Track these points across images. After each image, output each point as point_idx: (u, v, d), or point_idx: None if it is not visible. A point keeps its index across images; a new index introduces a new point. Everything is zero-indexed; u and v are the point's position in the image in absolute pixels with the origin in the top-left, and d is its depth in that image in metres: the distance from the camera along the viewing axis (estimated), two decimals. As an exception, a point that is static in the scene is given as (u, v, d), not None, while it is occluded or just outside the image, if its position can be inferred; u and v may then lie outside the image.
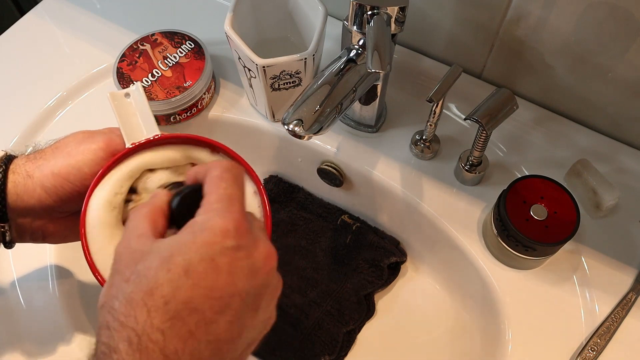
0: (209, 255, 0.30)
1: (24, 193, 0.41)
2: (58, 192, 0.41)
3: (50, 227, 0.44)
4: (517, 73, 0.62)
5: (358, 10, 0.47)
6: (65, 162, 0.41)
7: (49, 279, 0.57)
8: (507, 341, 0.52)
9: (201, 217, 0.32)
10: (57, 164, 0.41)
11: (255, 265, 0.32)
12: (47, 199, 0.41)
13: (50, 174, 0.41)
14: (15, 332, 0.54)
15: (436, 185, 0.59)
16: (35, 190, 0.41)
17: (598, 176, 0.56)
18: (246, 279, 0.31)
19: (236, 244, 0.31)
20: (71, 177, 0.41)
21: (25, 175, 0.41)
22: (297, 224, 0.68)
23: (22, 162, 0.42)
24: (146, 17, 0.72)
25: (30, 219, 0.43)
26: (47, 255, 0.58)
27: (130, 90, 0.44)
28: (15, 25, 0.72)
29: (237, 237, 0.31)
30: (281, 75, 0.55)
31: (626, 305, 0.52)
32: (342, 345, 0.61)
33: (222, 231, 0.31)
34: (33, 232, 0.44)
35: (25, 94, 0.66)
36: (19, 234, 0.43)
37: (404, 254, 0.65)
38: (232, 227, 0.31)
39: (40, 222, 0.43)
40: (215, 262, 0.30)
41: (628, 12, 0.49)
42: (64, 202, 0.42)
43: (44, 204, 0.41)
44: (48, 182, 0.41)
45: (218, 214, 0.32)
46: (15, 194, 0.41)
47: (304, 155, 0.65)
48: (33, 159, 0.42)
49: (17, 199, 0.41)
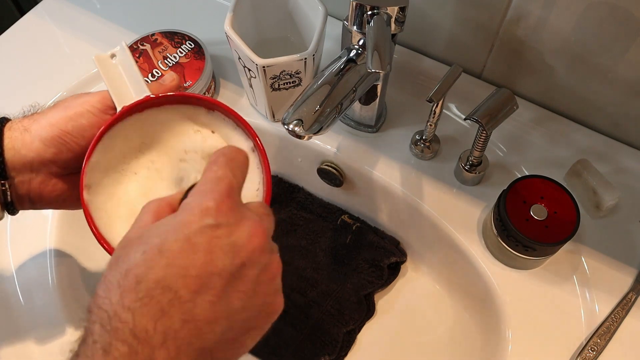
0: (184, 234, 0.30)
1: (21, 147, 0.41)
2: (56, 143, 0.41)
3: (49, 186, 0.43)
4: (517, 73, 0.62)
5: (358, 10, 0.47)
6: (62, 114, 0.41)
7: (48, 274, 0.57)
8: (507, 341, 0.52)
9: (186, 200, 0.32)
10: (54, 116, 0.41)
11: (237, 243, 0.31)
12: (45, 151, 0.41)
13: (48, 125, 0.41)
14: (13, 328, 0.54)
15: (436, 185, 0.59)
16: (34, 142, 0.41)
17: (598, 176, 0.56)
18: (226, 258, 0.30)
19: (215, 222, 0.31)
20: (69, 128, 0.41)
21: (22, 130, 0.41)
22: (297, 224, 0.68)
23: (19, 120, 0.42)
24: (146, 17, 0.72)
25: (28, 177, 0.42)
26: (46, 248, 0.58)
27: (116, 51, 0.43)
28: (15, 25, 0.72)
29: (217, 215, 0.31)
30: (281, 75, 0.55)
31: (626, 305, 0.52)
32: (342, 345, 0.61)
33: (201, 210, 0.31)
34: (31, 193, 0.43)
35: (25, 94, 0.66)
36: (18, 198, 0.43)
37: (404, 254, 0.65)
38: (212, 205, 0.31)
39: (38, 179, 0.42)
40: (191, 240, 0.30)
41: (628, 12, 0.49)
42: (63, 154, 0.41)
43: (42, 156, 0.41)
44: (46, 133, 0.41)
45: (201, 194, 0.32)
46: (12, 148, 0.41)
47: (304, 155, 0.65)
48: (30, 116, 0.43)
49: (14, 153, 0.41)
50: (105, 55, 0.43)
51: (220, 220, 0.31)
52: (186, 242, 0.30)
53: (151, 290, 0.29)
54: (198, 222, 0.30)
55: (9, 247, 0.58)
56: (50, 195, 0.43)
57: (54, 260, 0.58)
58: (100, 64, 0.42)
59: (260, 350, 0.61)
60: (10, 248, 0.58)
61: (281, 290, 0.34)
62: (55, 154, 0.41)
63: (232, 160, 0.34)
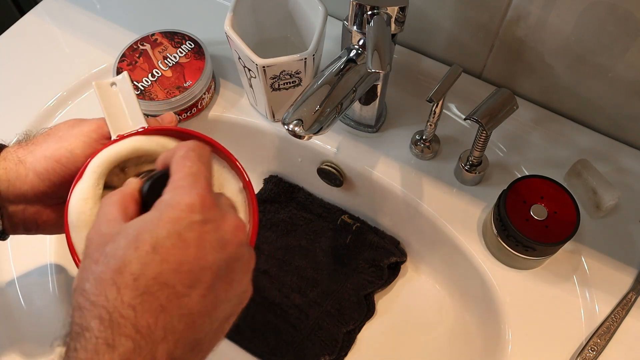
0: (175, 230, 0.31)
1: (15, 179, 0.41)
2: (50, 177, 0.41)
3: (44, 216, 0.43)
4: (517, 73, 0.62)
5: (358, 10, 0.47)
6: (57, 145, 0.41)
7: (49, 278, 0.57)
8: (507, 341, 0.52)
9: (167, 195, 0.33)
10: (49, 148, 0.41)
11: (225, 237, 0.32)
12: (39, 184, 0.41)
13: (43, 158, 0.41)
14: (15, 331, 0.54)
15: (436, 185, 0.59)
16: (28, 175, 0.41)
17: (598, 176, 0.56)
18: (216, 252, 0.31)
19: (203, 218, 0.31)
20: (63, 160, 0.41)
21: (17, 162, 0.41)
22: (297, 224, 0.68)
23: (14, 150, 0.42)
24: (146, 17, 0.72)
25: (22, 207, 0.42)
26: (47, 254, 0.58)
27: (117, 80, 0.43)
28: (15, 25, 0.72)
29: (203, 211, 0.32)
30: (281, 75, 0.55)
31: (626, 305, 0.52)
32: (342, 345, 0.61)
33: (188, 206, 0.31)
34: (26, 221, 0.43)
35: (25, 94, 0.66)
36: (12, 225, 0.43)
37: (404, 254, 0.65)
38: (197, 201, 0.32)
39: (33, 209, 0.43)
40: (182, 236, 0.31)
41: (628, 12, 0.49)
42: (57, 187, 0.41)
43: (36, 189, 0.41)
44: (40, 166, 0.41)
45: (183, 190, 0.32)
46: (6, 180, 0.41)
47: (304, 155, 0.65)
48: (24, 146, 0.42)
49: (8, 185, 0.41)
50: (106, 82, 0.43)
51: (207, 216, 0.32)
52: (177, 237, 0.31)
53: (150, 286, 0.29)
54: (186, 218, 0.31)
55: (10, 251, 0.58)
56: (45, 223, 0.44)
57: (54, 264, 0.58)
58: (99, 90, 0.42)
59: (260, 350, 0.61)
60: (11, 252, 0.58)
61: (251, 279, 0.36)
62: (49, 187, 0.41)
63: (202, 156, 0.35)
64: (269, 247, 0.66)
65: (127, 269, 0.30)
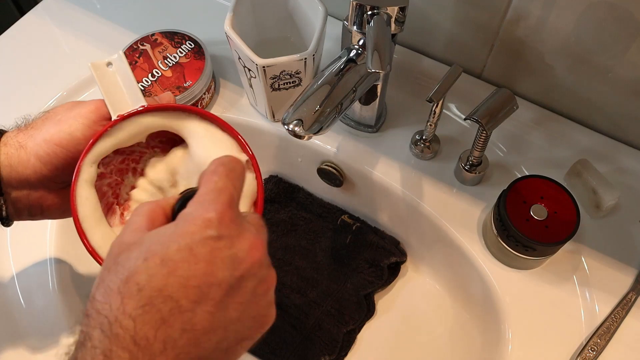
0: (187, 244, 0.30)
1: (17, 164, 0.41)
2: (52, 160, 0.41)
3: (48, 200, 0.43)
4: (517, 73, 0.62)
5: (358, 10, 0.47)
6: (57, 128, 0.41)
7: (49, 276, 0.57)
8: (507, 341, 0.52)
9: (188, 209, 0.32)
10: (49, 131, 0.41)
11: (238, 255, 0.31)
12: (42, 168, 0.41)
13: (43, 142, 0.41)
14: (14, 330, 0.54)
15: (436, 185, 0.59)
16: (30, 160, 0.41)
17: (598, 176, 0.56)
18: (227, 269, 0.31)
19: (217, 234, 0.31)
20: (64, 143, 0.40)
21: (18, 146, 0.41)
22: (297, 224, 0.68)
23: (14, 134, 0.42)
24: (146, 17, 0.72)
25: (26, 192, 0.42)
26: (47, 252, 0.58)
27: (113, 59, 0.42)
28: (15, 25, 0.72)
29: (219, 227, 0.31)
30: (281, 75, 0.55)
31: (626, 305, 0.52)
32: (342, 345, 0.61)
33: (204, 221, 0.31)
34: (31, 206, 0.43)
35: (25, 94, 0.66)
36: (16, 210, 0.43)
37: (404, 254, 0.65)
38: (214, 216, 0.31)
39: (37, 194, 0.43)
40: (193, 251, 0.30)
41: (628, 12, 0.49)
42: (60, 170, 0.41)
43: (39, 173, 0.41)
44: (41, 150, 0.40)
45: (203, 205, 0.32)
46: (8, 165, 0.41)
47: (304, 155, 0.65)
48: (24, 130, 0.42)
49: (11, 170, 0.41)
50: (102, 62, 0.42)
51: (222, 232, 0.31)
52: (188, 252, 0.30)
53: (153, 298, 0.29)
54: (200, 232, 0.30)
55: (9, 249, 0.58)
56: (50, 208, 0.44)
57: (54, 263, 0.58)
58: (96, 71, 0.42)
59: (260, 350, 0.61)
60: (11, 251, 0.58)
61: (274, 303, 0.34)
62: (51, 171, 0.41)
63: (232, 171, 0.34)
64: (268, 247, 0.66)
65: (133, 279, 0.29)
